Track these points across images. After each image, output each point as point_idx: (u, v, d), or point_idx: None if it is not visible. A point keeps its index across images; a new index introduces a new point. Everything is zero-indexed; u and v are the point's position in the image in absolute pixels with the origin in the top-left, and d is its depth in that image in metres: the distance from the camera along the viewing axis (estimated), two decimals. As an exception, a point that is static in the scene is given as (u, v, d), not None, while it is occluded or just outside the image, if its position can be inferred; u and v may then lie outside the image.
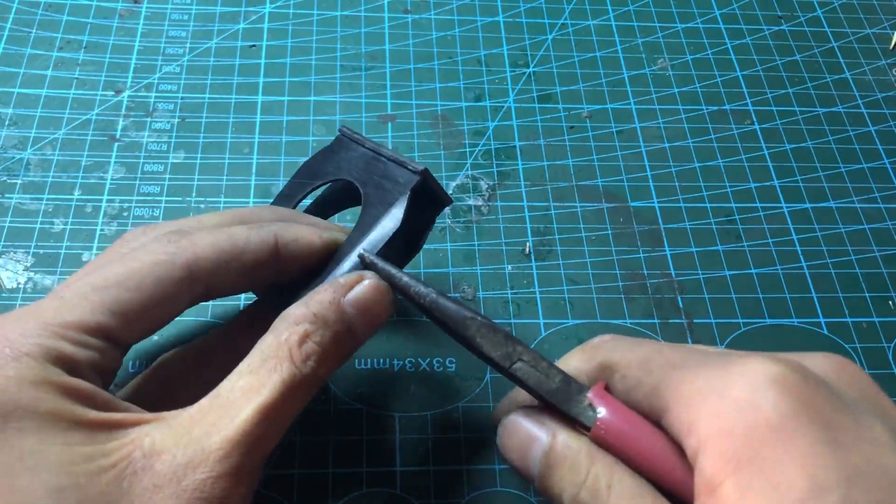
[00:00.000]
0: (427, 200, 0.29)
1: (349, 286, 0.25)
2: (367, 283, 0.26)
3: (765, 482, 0.19)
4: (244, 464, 0.21)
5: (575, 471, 0.23)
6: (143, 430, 0.21)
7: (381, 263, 0.27)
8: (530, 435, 0.24)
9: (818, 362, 0.22)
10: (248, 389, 0.22)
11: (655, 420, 0.23)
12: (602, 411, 0.23)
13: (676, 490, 0.22)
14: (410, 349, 0.35)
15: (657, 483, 0.22)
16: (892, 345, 0.37)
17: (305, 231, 0.28)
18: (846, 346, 0.37)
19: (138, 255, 0.24)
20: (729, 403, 0.20)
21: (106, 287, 0.23)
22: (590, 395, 0.24)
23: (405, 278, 0.26)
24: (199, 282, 0.25)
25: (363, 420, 0.33)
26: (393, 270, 0.26)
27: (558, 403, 0.24)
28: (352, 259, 0.27)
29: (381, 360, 0.35)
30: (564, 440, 0.23)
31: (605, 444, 0.23)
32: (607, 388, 0.24)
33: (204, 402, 0.22)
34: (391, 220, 0.27)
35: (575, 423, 0.24)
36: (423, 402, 0.34)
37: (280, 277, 0.27)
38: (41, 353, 0.20)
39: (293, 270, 0.27)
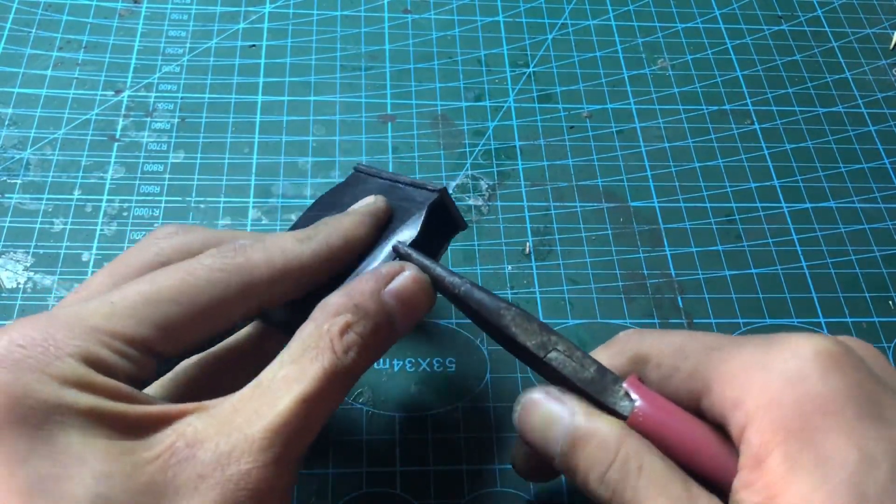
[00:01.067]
0: (443, 220, 0.29)
1: (390, 276, 0.25)
2: (408, 275, 0.25)
3: (814, 455, 0.19)
4: (286, 453, 0.21)
5: (604, 449, 0.22)
6: (185, 421, 0.21)
7: (415, 254, 0.26)
8: (552, 412, 0.23)
9: (850, 342, 0.22)
10: (289, 379, 0.22)
11: (694, 405, 0.23)
12: (638, 400, 0.23)
13: (717, 476, 0.22)
14: (410, 349, 0.35)
15: (696, 470, 0.22)
16: (893, 345, 0.37)
17: (350, 225, 0.27)
18: (846, 346, 0.37)
19: (193, 269, 0.23)
20: (776, 376, 0.20)
21: (158, 301, 0.22)
22: (625, 384, 0.23)
23: (439, 269, 0.26)
24: (253, 300, 0.24)
25: (363, 420, 0.33)
26: (427, 261, 0.26)
27: (594, 393, 0.24)
28: (386, 251, 0.27)
29: (382, 360, 0.35)
30: (592, 418, 0.23)
31: (643, 432, 0.23)
32: (641, 380, 0.24)
33: (245, 390, 0.22)
34: (409, 231, 0.27)
35: (612, 413, 0.23)
36: (423, 402, 0.34)
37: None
38: (83, 356, 0.20)
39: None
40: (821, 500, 0.19)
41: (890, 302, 0.39)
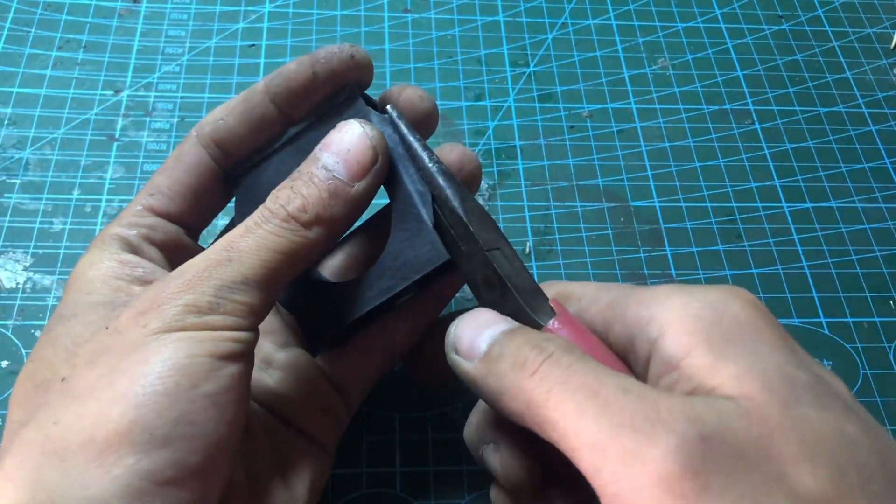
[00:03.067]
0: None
1: (325, 138, 0.25)
2: (342, 126, 0.25)
3: (740, 350, 0.19)
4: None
5: (535, 335, 0.21)
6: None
7: (402, 125, 0.26)
8: (494, 320, 0.23)
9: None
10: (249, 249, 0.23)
11: (605, 335, 0.23)
12: (555, 317, 0.23)
13: None
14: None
15: None
16: (893, 345, 0.37)
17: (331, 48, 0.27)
18: (847, 345, 0.37)
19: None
20: (697, 299, 0.21)
21: (151, 180, 0.27)
22: (550, 301, 0.23)
23: (416, 143, 0.26)
24: (217, 146, 0.27)
25: (363, 420, 0.33)
26: (407, 132, 0.26)
27: (521, 298, 0.23)
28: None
29: (381, 360, 0.35)
30: (525, 328, 0.22)
31: None
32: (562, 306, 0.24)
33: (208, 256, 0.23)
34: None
35: (529, 321, 0.23)
36: (423, 402, 0.34)
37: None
38: (113, 238, 0.25)
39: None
40: (753, 376, 0.18)
41: (891, 302, 0.39)
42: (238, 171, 0.28)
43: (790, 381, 0.19)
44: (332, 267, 0.31)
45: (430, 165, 0.25)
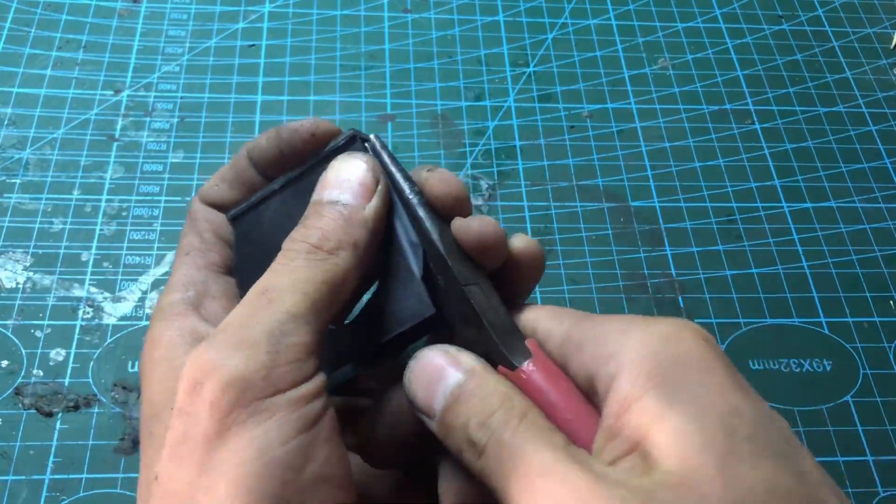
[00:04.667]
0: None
1: (322, 178, 0.25)
2: (335, 163, 0.25)
3: (688, 397, 0.19)
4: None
5: (489, 401, 0.21)
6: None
7: (377, 144, 0.26)
8: (444, 369, 0.23)
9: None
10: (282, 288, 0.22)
11: (564, 366, 0.23)
12: (530, 359, 0.23)
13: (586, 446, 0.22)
14: (410, 349, 0.35)
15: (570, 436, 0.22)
16: (893, 345, 0.37)
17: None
18: (847, 345, 0.37)
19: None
20: (652, 334, 0.21)
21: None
22: (527, 342, 0.23)
23: (397, 172, 0.25)
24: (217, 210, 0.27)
25: (363, 420, 0.33)
26: (387, 159, 0.26)
27: (496, 337, 0.23)
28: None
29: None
30: (483, 377, 0.22)
31: (528, 389, 0.22)
32: (539, 347, 0.24)
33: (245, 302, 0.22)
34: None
35: (503, 361, 0.23)
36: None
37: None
38: (171, 305, 0.25)
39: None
40: (693, 431, 0.19)
41: (891, 302, 0.39)
42: (237, 213, 0.28)
43: (730, 435, 0.19)
44: None
45: (412, 197, 0.25)
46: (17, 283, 0.35)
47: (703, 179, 0.42)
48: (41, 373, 0.33)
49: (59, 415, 0.32)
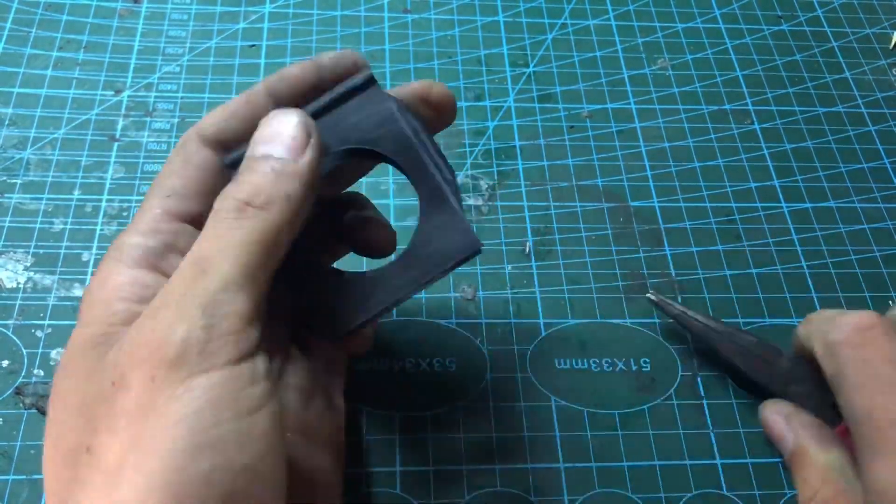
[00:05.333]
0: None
1: (255, 134, 0.25)
2: (268, 118, 0.25)
3: None
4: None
5: (806, 484, 0.28)
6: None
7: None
8: (779, 434, 0.31)
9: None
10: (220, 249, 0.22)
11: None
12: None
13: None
14: (411, 349, 0.35)
15: None
16: (893, 345, 0.37)
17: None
18: (846, 345, 0.37)
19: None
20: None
21: (160, 183, 0.25)
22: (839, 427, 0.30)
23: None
24: (224, 147, 0.26)
25: (363, 420, 0.33)
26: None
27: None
28: None
29: (381, 360, 0.35)
30: (804, 452, 0.30)
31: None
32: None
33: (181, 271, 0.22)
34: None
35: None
36: (423, 402, 0.34)
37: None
38: (132, 248, 0.24)
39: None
40: None
41: (890, 302, 0.39)
42: (237, 158, 0.26)
43: None
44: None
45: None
46: (18, 283, 0.35)
47: (702, 179, 0.42)
48: (42, 372, 0.33)
49: (60, 414, 0.32)
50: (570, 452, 0.33)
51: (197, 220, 0.25)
